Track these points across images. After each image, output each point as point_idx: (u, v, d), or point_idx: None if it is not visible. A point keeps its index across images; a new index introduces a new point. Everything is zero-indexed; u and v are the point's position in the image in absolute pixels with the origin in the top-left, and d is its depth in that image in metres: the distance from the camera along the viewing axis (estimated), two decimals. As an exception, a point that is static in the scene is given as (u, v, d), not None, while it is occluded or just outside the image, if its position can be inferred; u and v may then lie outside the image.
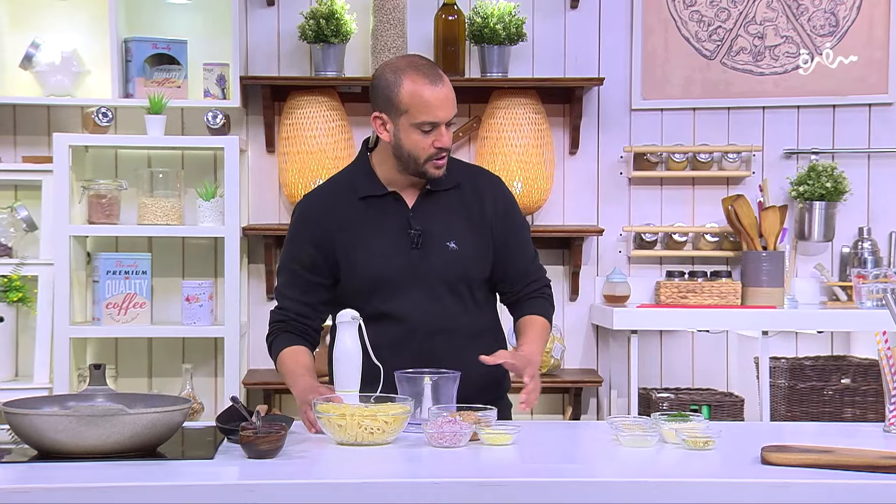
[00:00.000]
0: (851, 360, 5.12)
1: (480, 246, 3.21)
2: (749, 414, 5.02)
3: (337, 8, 5.01)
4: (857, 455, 2.50)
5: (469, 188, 3.25)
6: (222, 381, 5.02)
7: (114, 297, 4.85)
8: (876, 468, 2.44)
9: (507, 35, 5.05)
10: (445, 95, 3.08)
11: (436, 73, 3.10)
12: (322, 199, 3.26)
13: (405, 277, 3.15)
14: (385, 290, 3.15)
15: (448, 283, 3.17)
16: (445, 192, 3.22)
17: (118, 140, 5.03)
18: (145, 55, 5.01)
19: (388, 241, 3.16)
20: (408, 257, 3.15)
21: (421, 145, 3.11)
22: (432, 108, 3.07)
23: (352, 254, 3.16)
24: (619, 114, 5.29)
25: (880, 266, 5.08)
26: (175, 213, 4.93)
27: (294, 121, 5.07)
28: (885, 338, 2.98)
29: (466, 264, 3.18)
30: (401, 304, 3.15)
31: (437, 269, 3.15)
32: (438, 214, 3.19)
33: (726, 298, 5.00)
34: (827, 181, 5.10)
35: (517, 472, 2.51)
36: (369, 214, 3.19)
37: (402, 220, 3.18)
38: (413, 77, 3.08)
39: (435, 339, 3.13)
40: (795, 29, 5.26)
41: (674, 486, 2.38)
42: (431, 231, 3.17)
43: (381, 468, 2.55)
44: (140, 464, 2.49)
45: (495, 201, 3.26)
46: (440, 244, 3.16)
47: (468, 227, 3.20)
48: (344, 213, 3.19)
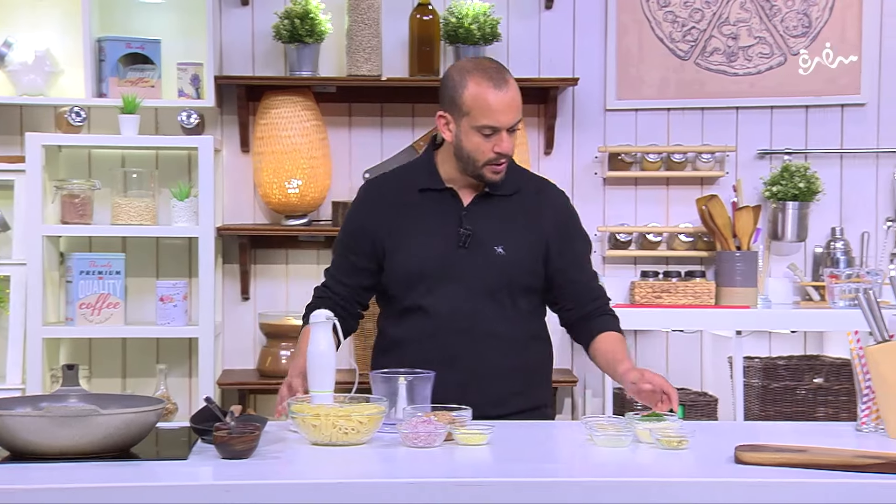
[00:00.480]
0: (824, 359, 5.15)
1: (530, 256, 3.19)
2: (723, 413, 5.04)
3: (311, 8, 5.00)
4: (830, 454, 2.51)
5: (530, 197, 3.25)
6: (197, 382, 5.00)
7: (87, 297, 4.83)
8: (849, 467, 2.45)
9: (481, 35, 5.05)
10: (509, 101, 3.07)
11: (501, 77, 3.09)
12: (383, 186, 3.30)
13: (446, 275, 3.15)
14: (424, 284, 3.16)
15: (489, 287, 3.15)
16: (504, 197, 3.21)
17: (91, 140, 5.01)
18: (119, 55, 4.99)
19: (437, 236, 3.17)
20: (452, 255, 3.15)
21: (481, 148, 3.11)
22: (494, 113, 3.07)
23: (400, 243, 3.18)
24: (593, 114, 5.30)
25: (853, 266, 5.11)
26: (149, 213, 4.92)
27: (269, 121, 5.06)
28: (857, 337, 3.00)
29: (511, 271, 3.16)
30: (438, 300, 3.15)
31: (479, 271, 3.15)
32: (492, 218, 3.19)
33: (700, 298, 5.02)
34: (800, 181, 5.12)
35: (492, 472, 2.51)
36: (424, 208, 3.20)
37: (454, 217, 3.18)
38: (478, 79, 3.08)
39: (468, 340, 3.13)
40: (769, 30, 5.28)
41: (648, 486, 2.39)
42: (481, 233, 3.16)
43: (355, 468, 2.54)
44: (114, 464, 2.48)
45: (556, 214, 3.25)
46: (488, 247, 3.16)
47: (520, 235, 3.19)
48: (401, 203, 3.22)
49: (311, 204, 5.10)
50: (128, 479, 2.37)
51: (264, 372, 5.04)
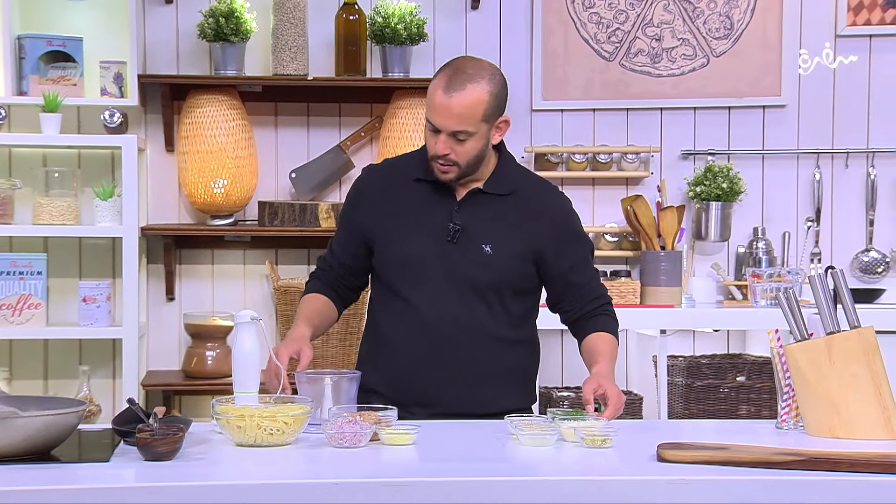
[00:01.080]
0: (746, 358, 5.21)
1: (519, 257, 3.17)
2: (647, 412, 5.08)
3: (237, 6, 4.97)
4: (750, 452, 2.55)
5: (526, 199, 3.22)
6: (120, 383, 4.95)
7: (7, 297, 4.76)
8: (769, 464, 2.48)
9: (408, 35, 5.05)
10: (448, 106, 3.04)
11: (460, 83, 3.04)
12: (382, 172, 3.32)
13: (431, 268, 3.14)
14: (409, 275, 3.15)
15: (473, 284, 3.14)
16: (498, 197, 3.19)
17: (12, 139, 4.94)
18: (40, 52, 4.92)
19: (427, 228, 3.16)
20: (439, 249, 3.14)
21: (428, 141, 3.13)
22: (432, 111, 3.07)
23: (390, 231, 3.18)
24: (520, 114, 5.32)
25: (774, 266, 5.18)
26: (72, 213, 4.86)
27: (194, 120, 5.02)
28: (777, 336, 3.04)
29: (497, 271, 3.14)
30: (421, 293, 3.14)
31: (464, 268, 3.13)
32: (483, 215, 3.17)
33: (626, 298, 5.05)
34: (723, 182, 5.18)
35: (418, 472, 2.51)
36: (418, 198, 3.20)
37: (446, 211, 3.17)
38: (441, 75, 3.09)
39: (450, 336, 3.12)
40: (692, 31, 5.34)
41: (571, 485, 2.40)
42: (471, 229, 3.15)
43: (281, 469, 2.53)
44: (34, 467, 2.45)
45: (553, 217, 3.22)
46: (476, 245, 3.14)
47: (510, 236, 3.17)
48: (396, 191, 3.21)
49: (236, 204, 5.07)
50: (48, 482, 2.34)
51: (189, 373, 5.00)
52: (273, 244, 5.21)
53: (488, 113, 3.10)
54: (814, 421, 2.89)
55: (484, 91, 3.08)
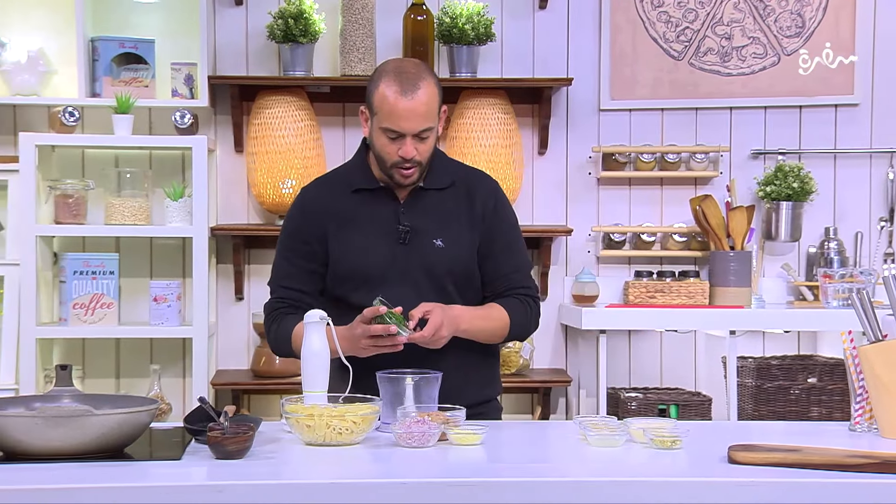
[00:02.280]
0: (818, 359, 5.15)
1: (468, 246, 3.20)
2: (717, 413, 5.04)
3: (305, 7, 5.00)
4: (823, 454, 2.52)
5: (463, 188, 3.24)
6: (190, 382, 4.99)
7: (81, 297, 4.82)
8: (842, 467, 2.45)
9: (475, 35, 5.05)
10: (413, 108, 3.05)
11: (412, 83, 3.06)
12: (318, 190, 3.29)
13: (389, 272, 3.15)
14: (368, 283, 3.15)
15: (432, 280, 3.16)
16: (438, 191, 3.22)
17: (85, 140, 5.00)
18: (112, 54, 4.98)
19: (377, 234, 3.17)
20: (393, 252, 3.16)
21: (387, 150, 3.12)
22: (395, 118, 3.07)
23: (340, 244, 3.18)
24: (587, 114, 5.30)
25: (846, 266, 5.11)
26: (143, 213, 4.91)
27: (263, 120, 5.05)
28: (850, 337, 3.00)
29: (452, 263, 3.17)
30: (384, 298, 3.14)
31: (421, 265, 3.16)
32: (429, 212, 3.19)
33: (694, 298, 5.02)
34: (794, 181, 5.13)
35: (485, 472, 2.51)
36: (361, 207, 3.20)
37: (392, 215, 3.19)
38: (388, 82, 3.07)
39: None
40: (762, 30, 5.29)
41: (641, 486, 2.39)
42: (419, 228, 3.17)
43: (349, 469, 2.54)
44: (107, 465, 2.48)
45: (485, 201, 3.24)
46: (427, 241, 3.16)
47: (458, 227, 3.20)
48: (337, 205, 3.21)
49: (304, 204, 5.09)
50: (121, 480, 2.36)
51: (258, 372, 5.04)
52: (341, 244, 5.22)
53: (438, 104, 3.13)
54: (888, 423, 2.85)
55: (432, 85, 3.11)
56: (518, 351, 5.06)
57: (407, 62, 3.17)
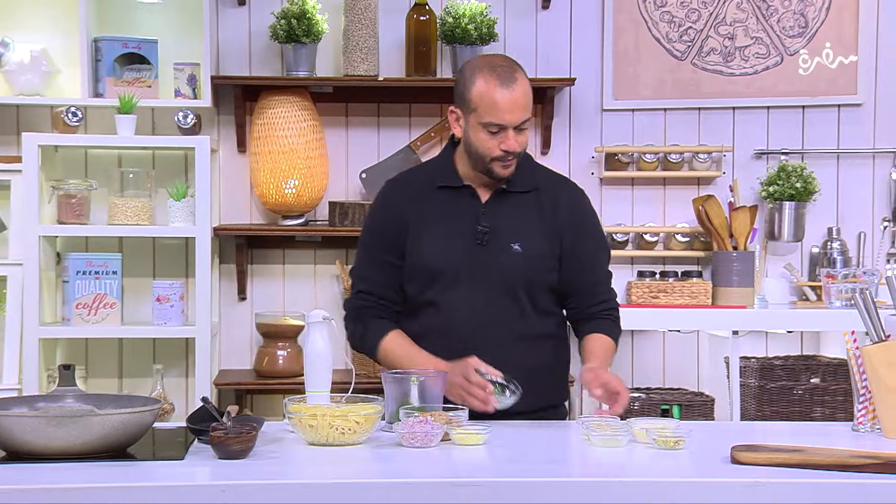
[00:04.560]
0: (821, 359, 5.15)
1: (547, 253, 3.19)
2: (719, 413, 5.04)
3: (308, 8, 5.00)
4: (826, 454, 2.52)
5: (547, 195, 3.24)
6: (193, 382, 5.00)
7: (84, 297, 4.82)
8: (845, 467, 2.45)
9: (478, 35, 5.05)
10: (515, 99, 3.08)
11: (510, 75, 3.09)
12: (403, 184, 3.32)
13: (464, 271, 3.16)
14: (442, 280, 3.17)
15: (506, 284, 3.16)
16: (521, 195, 3.22)
17: (88, 140, 5.00)
18: (115, 55, 4.98)
19: (455, 233, 3.18)
20: (470, 252, 3.16)
21: (487, 145, 3.12)
22: (498, 111, 3.08)
23: (418, 239, 3.19)
24: (590, 114, 5.30)
25: (849, 266, 5.11)
26: (146, 214, 4.91)
27: (265, 121, 5.05)
28: (853, 337, 3.00)
29: (528, 269, 3.17)
30: (455, 296, 3.16)
31: (496, 268, 3.16)
32: (509, 215, 3.19)
33: (697, 298, 5.02)
34: (797, 181, 5.13)
35: (488, 472, 2.51)
36: (442, 205, 3.21)
37: (472, 215, 3.19)
38: (486, 76, 3.10)
39: (482, 338, 3.13)
40: (765, 30, 5.28)
41: (644, 486, 2.39)
42: (499, 230, 3.17)
43: (352, 468, 2.55)
44: (110, 465, 2.48)
45: (571, 211, 3.24)
46: (505, 244, 3.17)
47: (537, 233, 3.19)
48: (420, 200, 3.22)
49: (307, 204, 5.10)
50: (124, 480, 2.37)
51: (261, 372, 5.04)
52: (344, 244, 5.23)
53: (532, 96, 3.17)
54: (891, 423, 2.85)
55: (525, 77, 3.16)
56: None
57: (496, 57, 3.20)
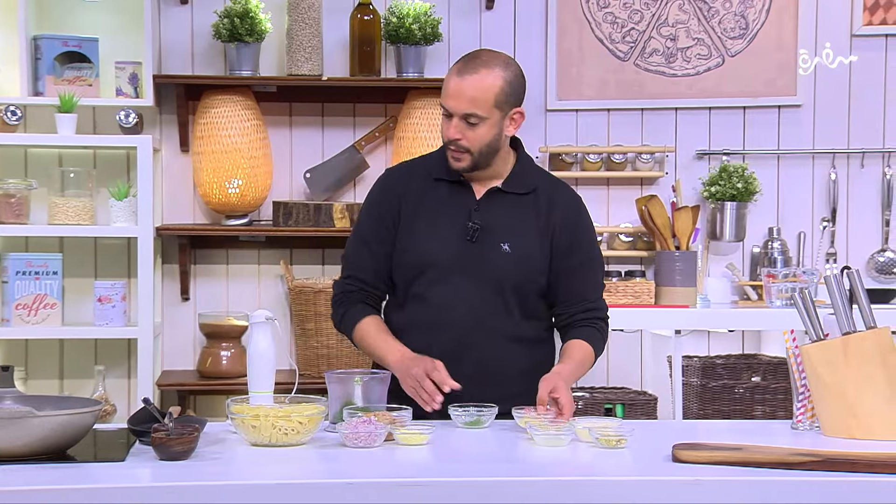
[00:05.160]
0: (762, 358, 5.20)
1: (537, 255, 3.18)
2: (662, 412, 5.08)
3: (251, 7, 4.98)
4: (766, 452, 2.54)
5: (544, 197, 3.22)
6: (136, 383, 4.96)
7: (23, 297, 4.77)
8: (784, 465, 2.48)
9: (422, 35, 5.05)
10: (461, 88, 3.06)
11: (475, 66, 3.07)
12: (401, 173, 3.31)
13: (451, 266, 3.14)
14: (429, 273, 3.15)
15: (493, 283, 3.14)
16: (516, 196, 3.21)
17: (28, 139, 4.95)
18: (56, 53, 4.93)
19: (447, 227, 3.16)
20: (459, 248, 3.14)
21: (442, 127, 3.14)
22: (445, 94, 3.09)
23: (410, 230, 3.18)
24: (534, 114, 5.32)
25: (789, 266, 5.16)
26: (87, 213, 4.87)
27: (208, 120, 5.02)
28: (793, 336, 3.03)
29: (516, 270, 3.15)
30: (441, 291, 3.15)
31: (483, 266, 3.14)
32: (502, 214, 3.18)
33: (640, 298, 5.05)
34: (738, 182, 5.17)
35: (432, 472, 2.51)
36: (438, 197, 3.20)
37: (465, 210, 3.17)
38: (457, 63, 3.12)
39: (466, 335, 3.12)
40: (707, 31, 5.33)
41: (586, 485, 2.40)
42: (490, 228, 3.16)
43: (295, 469, 2.54)
44: (50, 466, 2.46)
45: (565, 215, 3.22)
46: (495, 243, 3.15)
47: (529, 234, 3.18)
48: (416, 190, 3.21)
49: (251, 204, 5.08)
50: (64, 482, 2.34)
51: (204, 373, 5.01)
52: (288, 244, 5.21)
53: (500, 100, 3.10)
54: (830, 421, 2.88)
55: (497, 76, 3.09)
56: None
57: (494, 52, 3.17)
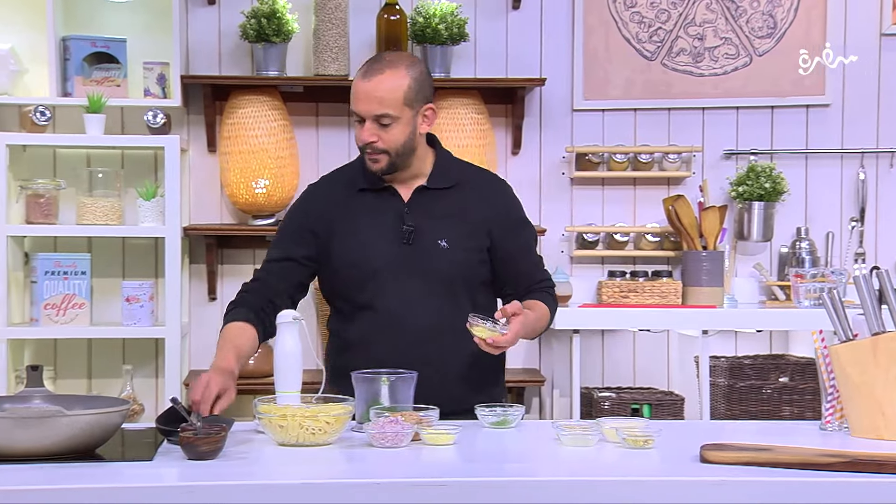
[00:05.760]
0: (789, 358, 5.18)
1: (474, 247, 3.18)
2: (689, 413, 5.06)
3: (278, 7, 4.99)
4: (794, 453, 2.53)
5: (469, 189, 3.23)
6: (163, 382, 4.98)
7: (52, 297, 4.80)
8: (813, 466, 2.46)
9: (449, 35, 5.05)
10: (368, 90, 3.06)
11: (379, 68, 3.08)
12: (324, 188, 3.29)
13: (392, 272, 3.14)
14: (372, 283, 3.15)
15: (437, 281, 3.15)
16: (442, 191, 3.21)
17: (56, 139, 4.98)
18: (84, 54, 4.96)
19: (381, 234, 3.16)
20: (397, 252, 3.14)
21: (356, 133, 3.15)
22: (355, 100, 3.09)
23: (344, 243, 3.17)
24: (560, 114, 5.31)
25: (818, 266, 5.14)
26: (115, 213, 4.89)
27: (235, 120, 5.04)
28: (821, 336, 3.01)
29: (457, 264, 3.16)
30: (386, 298, 3.14)
31: (425, 266, 3.14)
32: (433, 212, 3.18)
33: (667, 298, 5.03)
34: (766, 182, 5.15)
35: (458, 472, 2.50)
36: (366, 207, 3.19)
37: (396, 215, 3.17)
38: (361, 69, 3.12)
39: (419, 336, 3.11)
40: (734, 30, 5.31)
41: (613, 485, 2.39)
42: (424, 228, 3.16)
43: (322, 469, 2.54)
44: (78, 466, 2.47)
45: (494, 202, 3.24)
46: (432, 242, 3.15)
47: (463, 228, 3.18)
48: (342, 204, 3.21)
49: (278, 204, 5.09)
50: (92, 481, 2.35)
51: (231, 372, 5.01)
52: (314, 244, 5.22)
53: (410, 97, 3.10)
54: (858, 422, 2.87)
55: (403, 75, 3.10)
56: (491, 351, 5.05)
57: (396, 52, 3.19)
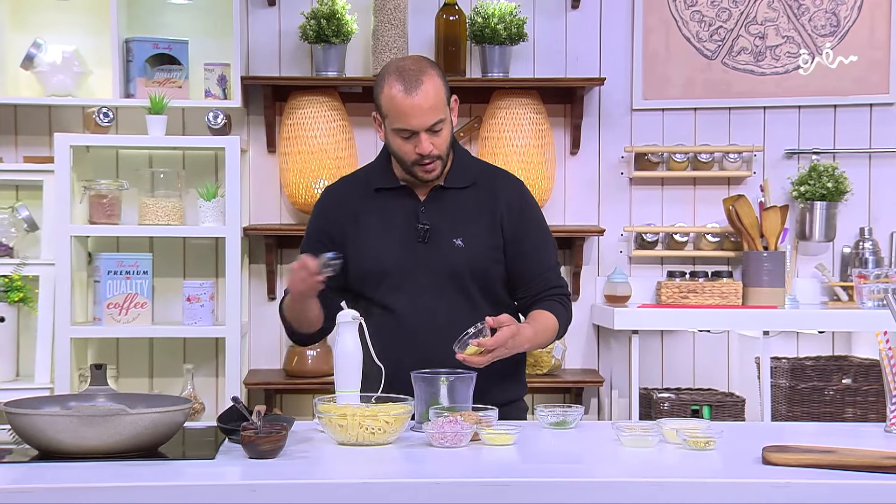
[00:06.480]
0: (852, 360, 5.12)
1: (490, 246, 3.20)
2: (750, 414, 5.02)
3: (338, 8, 5.01)
4: (858, 455, 2.50)
5: (485, 188, 3.25)
6: (223, 382, 5.02)
7: (115, 297, 4.85)
8: (877, 468, 2.44)
9: (508, 35, 5.05)
10: (419, 104, 3.06)
11: (415, 79, 3.06)
12: (340, 190, 3.33)
13: (409, 271, 3.16)
14: (388, 282, 3.17)
15: (453, 280, 3.17)
16: (459, 190, 3.22)
17: (119, 140, 5.03)
18: (146, 55, 5.01)
19: (396, 233, 3.18)
20: (413, 251, 3.17)
21: (404, 150, 3.13)
22: (405, 117, 3.08)
23: (360, 243, 3.20)
24: (620, 114, 5.29)
25: (881, 266, 5.08)
26: (176, 214, 4.93)
27: (295, 121, 5.07)
28: (886, 338, 2.98)
29: (473, 262, 3.17)
30: (403, 297, 3.16)
31: (441, 265, 3.16)
32: (449, 211, 3.20)
33: (727, 298, 5.00)
34: (828, 181, 5.10)
35: (518, 473, 2.50)
36: (381, 207, 3.22)
37: (411, 214, 3.20)
38: (392, 82, 3.09)
39: (436, 335, 3.11)
40: (796, 29, 5.26)
41: (674, 486, 2.38)
42: (440, 227, 3.18)
43: (382, 468, 2.55)
44: (141, 464, 2.49)
45: (510, 202, 3.24)
46: (447, 241, 3.17)
47: (478, 226, 3.20)
48: (358, 204, 3.24)
49: (337, 204, 5.10)
50: (155, 479, 2.38)
51: (291, 372, 5.05)
52: (373, 244, 5.23)
53: (446, 96, 3.14)
54: (923, 425, 2.83)
55: (435, 76, 3.11)
56: (550, 351, 5.05)
57: (407, 59, 3.17)
